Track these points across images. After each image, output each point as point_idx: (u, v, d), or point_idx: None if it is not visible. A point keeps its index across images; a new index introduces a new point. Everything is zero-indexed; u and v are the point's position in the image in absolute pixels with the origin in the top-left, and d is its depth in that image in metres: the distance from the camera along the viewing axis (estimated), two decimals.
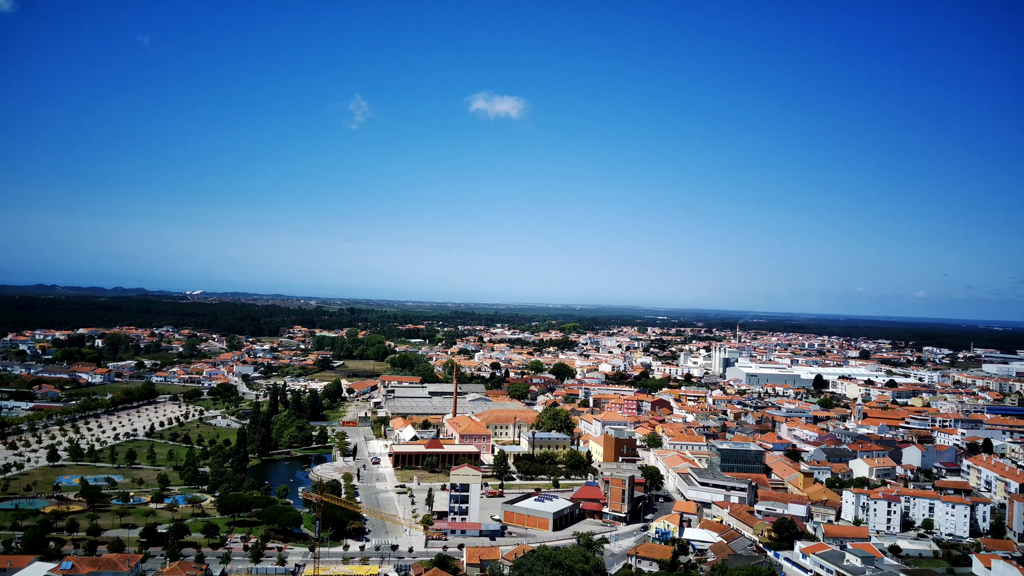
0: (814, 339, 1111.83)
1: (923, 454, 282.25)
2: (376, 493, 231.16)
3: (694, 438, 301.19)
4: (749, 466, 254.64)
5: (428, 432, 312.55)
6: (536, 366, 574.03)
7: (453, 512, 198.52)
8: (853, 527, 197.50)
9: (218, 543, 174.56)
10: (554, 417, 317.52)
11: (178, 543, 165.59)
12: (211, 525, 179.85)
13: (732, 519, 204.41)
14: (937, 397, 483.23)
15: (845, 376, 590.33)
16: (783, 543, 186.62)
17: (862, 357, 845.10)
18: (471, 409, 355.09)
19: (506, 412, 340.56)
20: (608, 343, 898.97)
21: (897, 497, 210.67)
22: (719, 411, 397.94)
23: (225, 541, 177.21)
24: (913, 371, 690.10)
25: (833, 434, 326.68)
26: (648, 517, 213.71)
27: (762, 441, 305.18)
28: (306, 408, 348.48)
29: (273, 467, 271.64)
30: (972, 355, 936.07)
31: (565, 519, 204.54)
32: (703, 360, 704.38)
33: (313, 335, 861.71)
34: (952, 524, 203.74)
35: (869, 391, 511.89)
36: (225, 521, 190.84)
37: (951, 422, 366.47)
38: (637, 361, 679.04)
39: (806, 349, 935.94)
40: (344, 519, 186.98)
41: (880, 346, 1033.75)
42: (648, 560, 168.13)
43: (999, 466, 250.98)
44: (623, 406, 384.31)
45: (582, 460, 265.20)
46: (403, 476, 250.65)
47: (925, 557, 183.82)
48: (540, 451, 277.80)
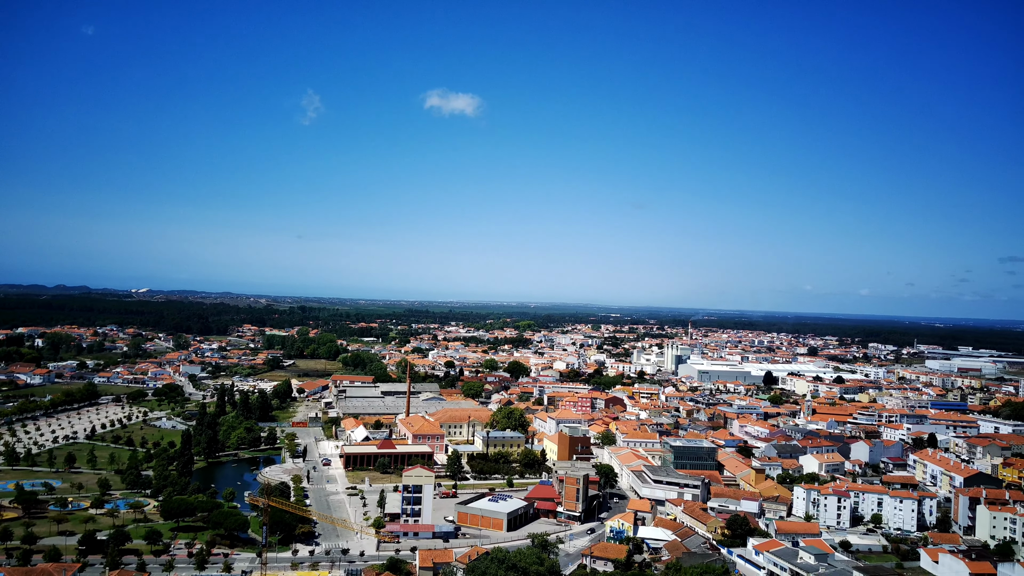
0: (764, 336, 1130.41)
1: (871, 449, 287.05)
2: (327, 495, 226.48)
3: (647, 435, 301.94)
4: (702, 463, 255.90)
5: (380, 432, 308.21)
6: (491, 364, 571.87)
7: (406, 514, 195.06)
8: (804, 523, 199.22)
9: (161, 550, 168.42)
10: (508, 416, 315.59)
11: (118, 551, 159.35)
12: (154, 531, 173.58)
13: (686, 517, 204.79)
14: (883, 393, 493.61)
15: (794, 373, 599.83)
16: (736, 540, 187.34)
17: (810, 354, 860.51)
18: (425, 408, 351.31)
19: (460, 411, 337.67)
20: (562, 341, 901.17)
21: (847, 493, 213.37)
22: (672, 408, 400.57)
23: (168, 548, 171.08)
24: (859, 367, 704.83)
25: (783, 430, 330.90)
26: (602, 516, 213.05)
27: (714, 438, 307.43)
28: (255, 409, 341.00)
29: (220, 470, 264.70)
30: (915, 351, 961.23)
31: (519, 519, 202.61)
32: (656, 357, 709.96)
33: (263, 334, 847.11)
34: (900, 519, 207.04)
35: (817, 387, 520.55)
36: (169, 527, 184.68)
37: (897, 417, 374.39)
38: (591, 359, 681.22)
39: (756, 346, 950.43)
40: (293, 523, 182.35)
41: (827, 343, 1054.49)
42: (603, 560, 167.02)
43: (944, 460, 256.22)
44: (577, 404, 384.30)
45: (536, 459, 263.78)
46: (354, 478, 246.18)
47: (875, 552, 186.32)
48: (494, 450, 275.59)
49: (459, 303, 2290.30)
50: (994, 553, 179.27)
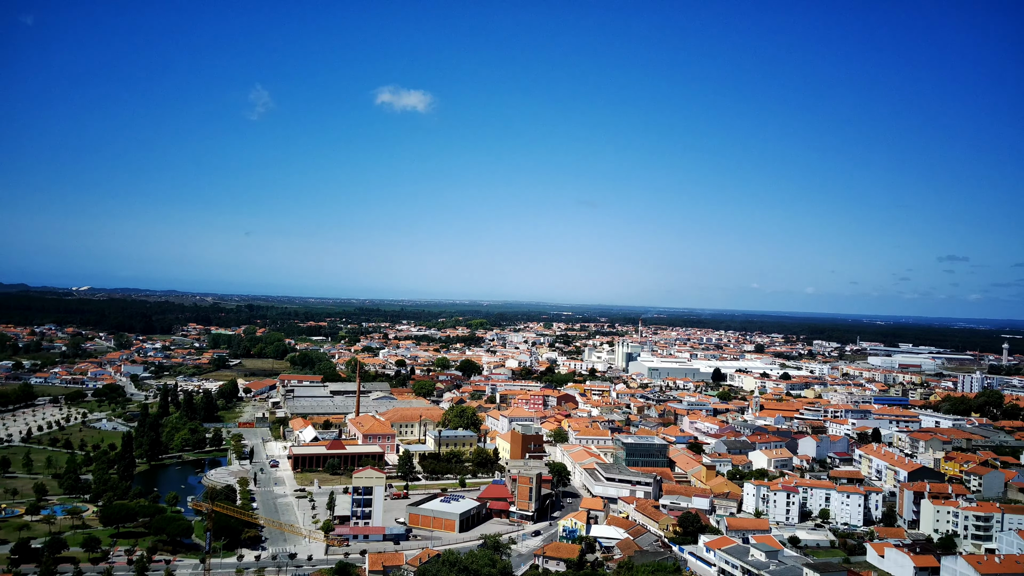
0: (712, 334, 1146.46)
1: (818, 444, 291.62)
2: (274, 498, 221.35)
3: (599, 432, 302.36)
4: (653, 460, 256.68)
5: (330, 433, 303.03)
6: (442, 363, 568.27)
7: (356, 516, 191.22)
8: (755, 519, 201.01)
9: (99, 557, 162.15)
10: (460, 415, 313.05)
11: (54, 559, 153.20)
12: (92, 538, 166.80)
13: (638, 514, 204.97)
14: (828, 389, 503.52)
15: (742, 369, 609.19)
16: (688, 537, 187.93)
17: (757, 351, 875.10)
18: (375, 408, 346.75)
19: (411, 410, 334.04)
20: (515, 339, 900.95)
21: (795, 488, 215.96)
22: (623, 405, 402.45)
23: (107, 555, 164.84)
24: (805, 364, 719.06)
25: (733, 426, 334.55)
26: (555, 515, 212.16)
27: (665, 434, 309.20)
28: (199, 409, 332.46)
29: (163, 473, 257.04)
30: (858, 348, 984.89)
31: (472, 520, 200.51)
32: (607, 355, 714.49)
33: (209, 333, 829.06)
34: (847, 513, 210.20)
35: (765, 383, 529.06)
36: (108, 533, 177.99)
37: (842, 413, 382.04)
38: (543, 356, 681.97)
39: (704, 343, 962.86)
40: (239, 527, 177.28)
41: (773, 340, 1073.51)
42: (555, 560, 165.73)
43: (888, 455, 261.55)
44: (530, 402, 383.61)
45: (489, 458, 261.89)
46: (303, 479, 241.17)
47: (823, 547, 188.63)
48: (446, 450, 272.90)
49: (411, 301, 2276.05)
50: (937, 546, 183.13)
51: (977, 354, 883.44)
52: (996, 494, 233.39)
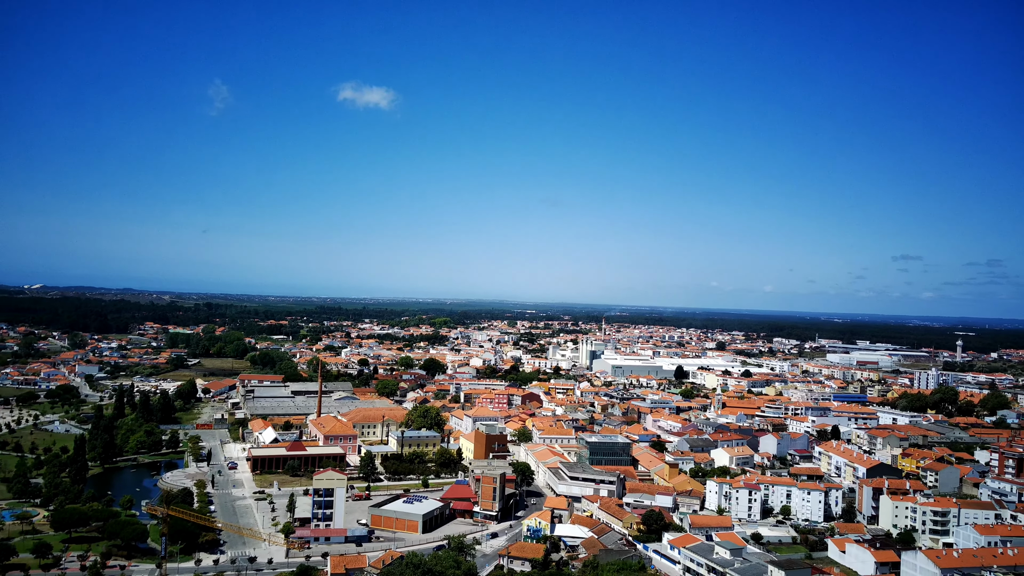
0: (674, 331, 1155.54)
1: (779, 442, 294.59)
2: (233, 501, 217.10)
3: (563, 431, 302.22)
4: (617, 458, 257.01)
5: (290, 434, 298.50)
6: (406, 362, 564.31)
7: (316, 518, 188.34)
8: (717, 517, 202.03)
9: (51, 563, 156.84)
10: (424, 415, 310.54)
11: (2, 566, 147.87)
12: (43, 543, 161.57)
13: (602, 513, 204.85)
14: (788, 386, 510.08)
15: (704, 367, 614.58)
16: (652, 535, 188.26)
17: (718, 348, 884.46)
18: (337, 408, 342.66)
19: (374, 411, 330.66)
20: (479, 337, 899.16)
21: (757, 485, 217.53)
22: (587, 403, 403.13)
23: (59, 561, 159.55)
24: (765, 361, 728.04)
25: (695, 424, 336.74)
26: (519, 514, 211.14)
27: (628, 433, 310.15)
28: (156, 410, 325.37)
29: (118, 476, 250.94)
30: (817, 345, 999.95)
31: (435, 520, 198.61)
32: (571, 353, 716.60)
33: (166, 332, 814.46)
34: (808, 510, 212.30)
35: (727, 381, 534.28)
36: (60, 538, 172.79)
37: (802, 410, 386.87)
38: (507, 355, 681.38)
39: (666, 341, 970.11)
40: (196, 531, 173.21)
41: (734, 337, 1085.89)
42: (520, 560, 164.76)
43: (847, 452, 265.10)
44: (494, 401, 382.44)
45: (452, 458, 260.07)
46: (262, 481, 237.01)
47: (784, 543, 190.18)
48: (409, 450, 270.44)
49: (373, 300, 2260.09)
50: (897, 541, 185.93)
51: (932, 351, 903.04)
52: (952, 489, 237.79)
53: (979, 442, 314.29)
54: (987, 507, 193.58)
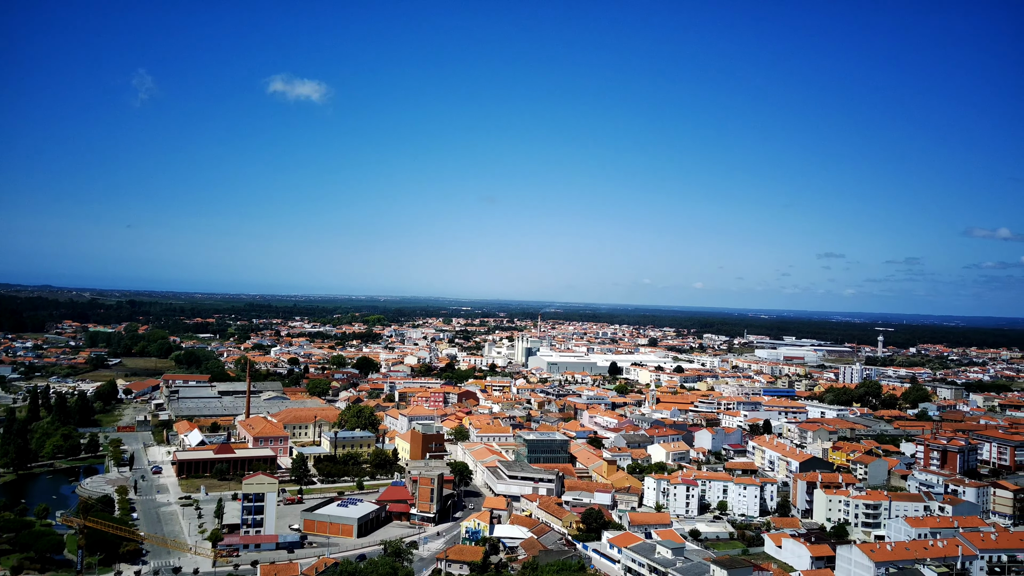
0: (608, 328, 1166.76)
1: (713, 437, 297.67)
2: (157, 507, 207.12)
3: (501, 429, 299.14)
4: (555, 456, 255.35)
5: (218, 436, 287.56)
6: (338, 360, 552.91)
7: (246, 524, 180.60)
8: (656, 514, 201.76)
9: None
10: (358, 414, 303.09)
11: None
12: None
13: (541, 512, 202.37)
14: (719, 381, 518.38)
15: (637, 363, 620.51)
16: (591, 534, 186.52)
17: (651, 344, 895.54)
18: (267, 409, 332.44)
19: (305, 411, 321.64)
20: (413, 335, 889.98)
21: (694, 481, 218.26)
22: (524, 400, 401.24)
23: None
24: (696, 357, 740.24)
25: (631, 420, 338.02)
26: (457, 516, 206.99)
27: (566, 429, 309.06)
28: (74, 413, 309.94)
29: (32, 483, 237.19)
30: (746, 341, 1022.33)
31: (371, 523, 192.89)
32: (507, 350, 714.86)
33: (86, 330, 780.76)
34: (744, 505, 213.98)
35: (659, 377, 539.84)
36: None
37: (734, 405, 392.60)
38: (443, 352, 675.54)
39: (600, 338, 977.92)
40: (117, 540, 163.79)
41: (666, 334, 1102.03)
42: (458, 563, 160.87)
43: (780, 446, 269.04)
44: (430, 399, 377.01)
45: (388, 459, 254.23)
46: (189, 486, 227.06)
47: (722, 539, 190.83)
48: (343, 451, 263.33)
49: (304, 297, 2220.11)
50: (831, 535, 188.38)
51: (855, 346, 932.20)
52: (881, 482, 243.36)
53: (904, 434, 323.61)
54: (916, 499, 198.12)
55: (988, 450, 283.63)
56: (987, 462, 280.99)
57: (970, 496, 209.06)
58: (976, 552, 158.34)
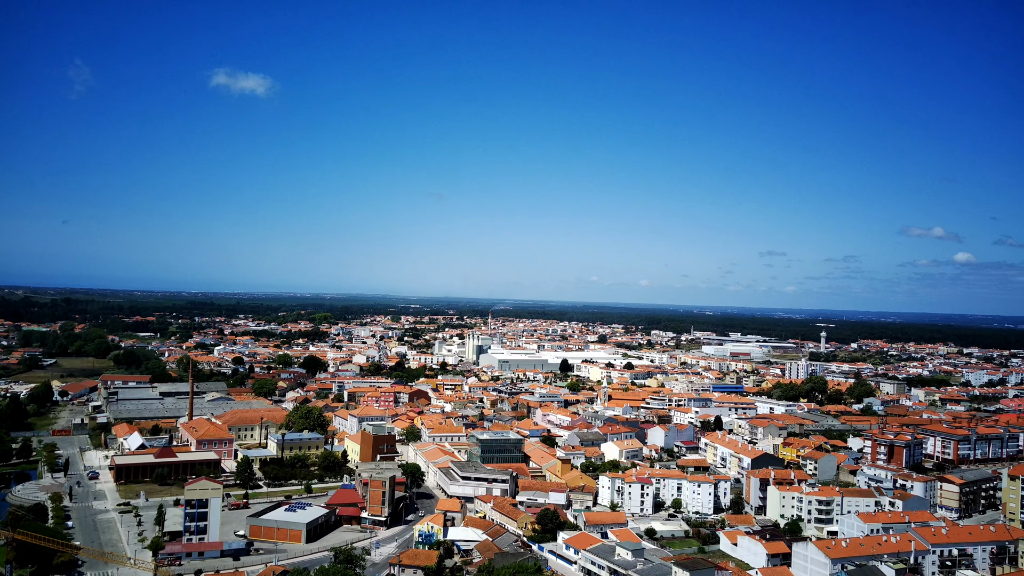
0: (557, 325, 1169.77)
1: (666, 434, 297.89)
2: (94, 515, 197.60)
3: (453, 429, 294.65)
4: (509, 455, 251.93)
5: (159, 439, 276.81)
6: (285, 360, 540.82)
7: (189, 532, 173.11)
8: (612, 513, 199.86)
9: None
10: (306, 416, 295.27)
11: None
12: None
13: (496, 513, 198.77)
14: (669, 378, 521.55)
15: (588, 360, 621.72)
16: (547, 535, 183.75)
17: (600, 341, 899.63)
18: (210, 410, 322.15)
19: (251, 412, 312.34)
20: (362, 333, 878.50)
21: (649, 479, 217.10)
22: (476, 399, 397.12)
23: None
24: (645, 353, 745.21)
25: (584, 417, 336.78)
26: (410, 519, 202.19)
27: (519, 428, 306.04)
28: (6, 416, 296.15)
29: None
30: (693, 338, 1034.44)
31: (320, 528, 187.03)
32: (457, 348, 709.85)
33: (18, 329, 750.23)
34: (699, 502, 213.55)
35: (610, 373, 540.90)
36: None
37: (685, 401, 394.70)
38: (392, 351, 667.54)
39: (551, 335, 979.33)
40: (49, 552, 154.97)
41: (615, 331, 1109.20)
42: (412, 568, 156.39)
43: (732, 443, 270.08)
44: (380, 399, 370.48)
45: (337, 461, 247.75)
46: (128, 492, 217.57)
47: (678, 538, 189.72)
48: (291, 453, 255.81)
49: (248, 294, 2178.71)
50: (785, 532, 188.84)
51: (798, 342, 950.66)
52: (830, 477, 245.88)
53: (851, 429, 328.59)
54: (867, 495, 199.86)
55: (932, 444, 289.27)
56: (931, 456, 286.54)
57: (918, 491, 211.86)
58: (928, 547, 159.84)
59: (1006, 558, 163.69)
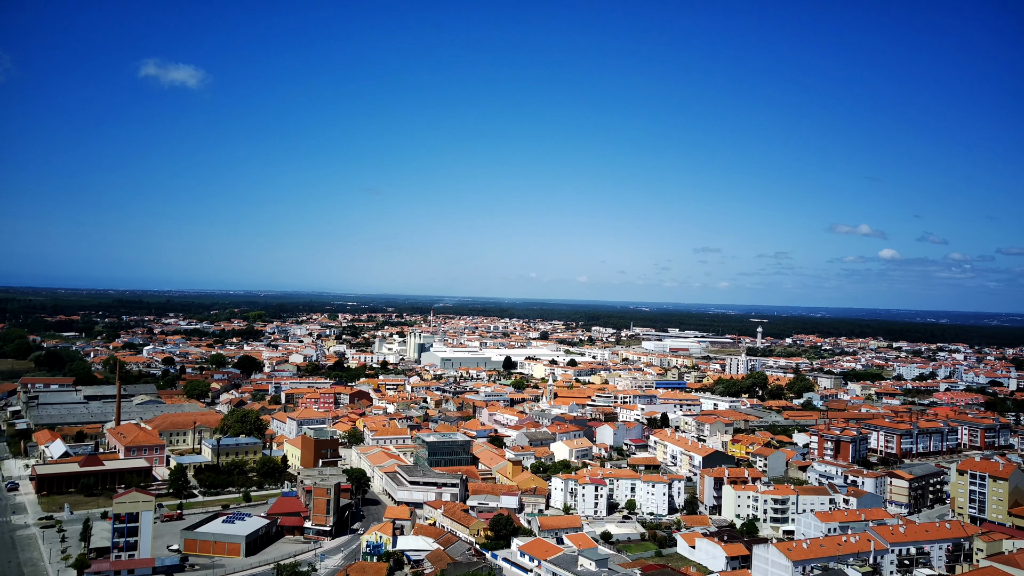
0: (498, 322, 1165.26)
1: (615, 432, 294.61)
2: (12, 531, 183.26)
3: (398, 431, 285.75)
4: (457, 458, 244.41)
5: (84, 446, 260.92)
6: (218, 360, 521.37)
7: (118, 548, 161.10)
8: (567, 517, 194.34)
9: None
10: (242, 419, 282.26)
11: None
12: None
13: (447, 520, 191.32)
14: (613, 374, 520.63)
15: (531, 357, 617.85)
16: (500, 542, 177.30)
17: (542, 338, 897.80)
18: (140, 415, 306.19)
19: (183, 416, 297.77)
20: (298, 331, 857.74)
21: (603, 480, 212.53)
22: (420, 399, 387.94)
23: None
24: (587, 350, 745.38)
25: (531, 416, 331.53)
26: (356, 527, 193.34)
27: (466, 429, 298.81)
28: None
29: None
30: (632, 333, 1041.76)
31: (261, 540, 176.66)
32: (398, 346, 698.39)
33: None
34: (653, 503, 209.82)
35: (554, 370, 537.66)
36: None
37: (631, 398, 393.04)
38: (330, 350, 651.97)
39: (492, 332, 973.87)
40: None
41: (556, 327, 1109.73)
42: None
43: (682, 440, 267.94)
44: (319, 401, 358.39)
45: (277, 466, 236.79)
46: (50, 505, 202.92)
47: (634, 541, 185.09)
48: (227, 460, 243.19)
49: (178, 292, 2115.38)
50: (741, 532, 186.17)
51: (735, 337, 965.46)
52: (779, 473, 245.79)
53: (795, 425, 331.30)
54: (822, 492, 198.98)
55: (876, 439, 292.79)
56: (875, 451, 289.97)
57: (868, 486, 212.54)
58: (887, 546, 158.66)
59: (961, 555, 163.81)
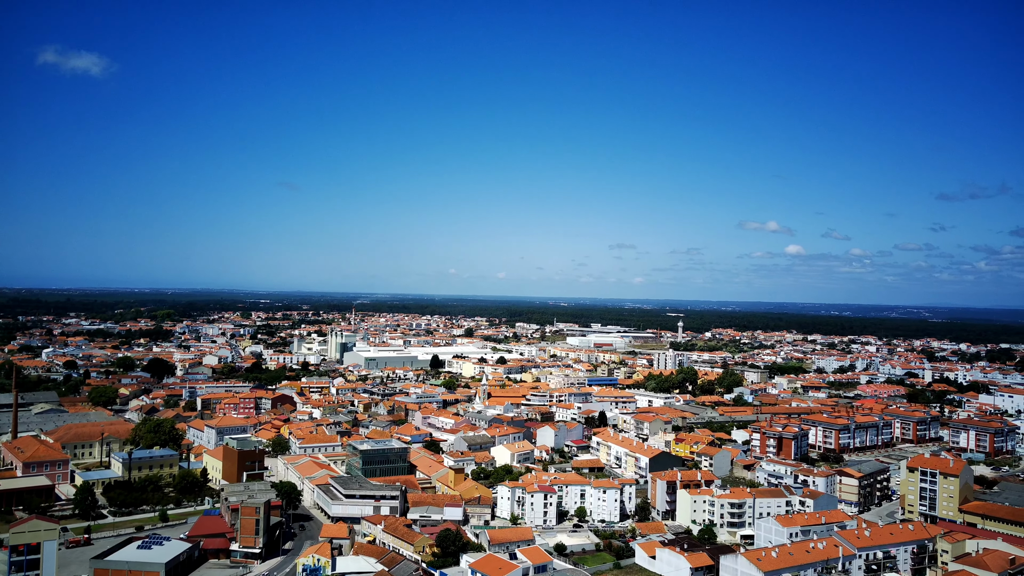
0: (420, 319, 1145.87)
1: (556, 433, 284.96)
2: None
3: (327, 438, 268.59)
4: (393, 467, 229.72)
5: None
6: (126, 363, 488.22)
7: None
8: (518, 529, 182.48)
9: None
10: (155, 429, 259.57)
11: None
12: None
13: (388, 537, 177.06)
14: (543, 371, 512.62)
15: (458, 355, 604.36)
16: (448, 559, 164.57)
17: (467, 335, 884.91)
18: (39, 425, 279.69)
19: (89, 426, 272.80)
20: (211, 331, 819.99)
21: (552, 488, 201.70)
22: (347, 403, 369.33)
23: None
24: (513, 347, 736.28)
25: (467, 419, 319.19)
26: (288, 547, 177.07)
27: (399, 434, 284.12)
28: None
29: None
30: (556, 329, 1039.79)
31: (183, 567, 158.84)
32: (319, 346, 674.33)
33: None
34: (604, 510, 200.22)
35: (484, 369, 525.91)
36: None
37: (565, 396, 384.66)
38: (247, 350, 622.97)
39: (415, 329, 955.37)
40: None
41: (479, 323, 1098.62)
42: None
43: (627, 441, 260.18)
44: (239, 406, 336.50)
45: (197, 481, 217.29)
46: None
47: (588, 552, 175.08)
48: (140, 475, 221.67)
49: (79, 290, 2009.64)
50: (699, 539, 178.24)
51: (657, 332, 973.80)
52: (725, 473, 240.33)
53: (732, 421, 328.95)
54: (778, 495, 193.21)
55: (815, 435, 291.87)
56: (814, 446, 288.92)
57: (820, 486, 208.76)
58: (855, 551, 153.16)
59: (926, 557, 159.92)
